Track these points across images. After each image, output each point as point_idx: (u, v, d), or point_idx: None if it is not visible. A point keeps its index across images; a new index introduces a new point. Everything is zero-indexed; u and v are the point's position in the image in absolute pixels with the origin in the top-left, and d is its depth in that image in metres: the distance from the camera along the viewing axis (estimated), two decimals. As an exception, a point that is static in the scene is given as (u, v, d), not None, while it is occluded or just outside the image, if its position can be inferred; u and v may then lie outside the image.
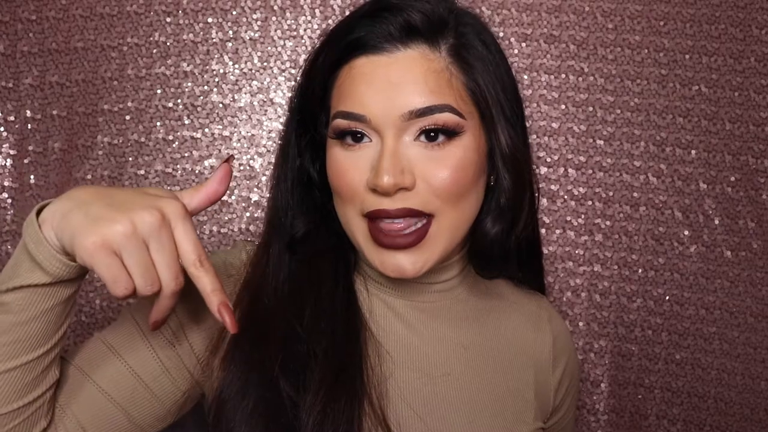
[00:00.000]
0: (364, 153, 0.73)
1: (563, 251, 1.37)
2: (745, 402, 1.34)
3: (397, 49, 0.73)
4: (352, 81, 0.73)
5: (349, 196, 0.75)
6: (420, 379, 0.79)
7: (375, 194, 0.72)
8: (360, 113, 0.72)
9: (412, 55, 0.72)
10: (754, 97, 1.33)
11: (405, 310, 0.82)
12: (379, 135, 0.72)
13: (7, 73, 1.29)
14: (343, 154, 0.75)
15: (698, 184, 1.35)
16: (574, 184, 1.37)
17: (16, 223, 1.30)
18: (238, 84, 1.35)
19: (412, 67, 0.72)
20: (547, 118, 1.36)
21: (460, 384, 0.80)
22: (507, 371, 0.84)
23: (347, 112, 0.73)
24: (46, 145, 1.30)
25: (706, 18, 1.34)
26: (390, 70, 0.72)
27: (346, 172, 0.74)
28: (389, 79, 0.72)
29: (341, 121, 0.74)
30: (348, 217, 0.76)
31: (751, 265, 1.34)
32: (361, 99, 0.72)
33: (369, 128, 0.73)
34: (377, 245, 0.74)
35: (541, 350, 0.88)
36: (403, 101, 0.71)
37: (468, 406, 0.79)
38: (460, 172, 0.73)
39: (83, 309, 1.32)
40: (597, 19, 1.35)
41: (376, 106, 0.71)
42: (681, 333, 1.36)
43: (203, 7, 1.33)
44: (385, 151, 0.71)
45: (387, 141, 0.72)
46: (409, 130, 0.72)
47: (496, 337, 0.85)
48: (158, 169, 1.34)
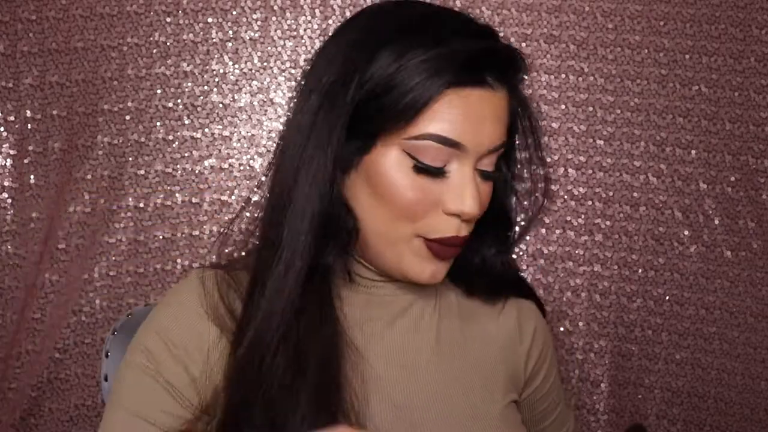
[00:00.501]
0: (441, 180, 0.75)
1: (563, 251, 1.37)
2: (745, 402, 1.34)
3: (498, 86, 0.75)
4: (459, 110, 0.73)
5: (411, 216, 0.74)
6: (392, 367, 0.80)
7: (449, 219, 0.75)
8: (458, 141, 0.73)
9: (503, 95, 0.76)
10: (754, 97, 1.33)
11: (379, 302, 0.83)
12: (462, 163, 0.74)
13: (7, 73, 1.29)
14: (417, 176, 0.74)
15: (698, 184, 1.35)
16: (574, 184, 1.37)
17: (16, 223, 1.30)
18: (238, 84, 1.35)
19: (502, 106, 0.76)
20: (547, 118, 1.36)
21: (430, 366, 0.82)
22: (471, 348, 0.85)
23: (446, 138, 0.73)
24: (46, 145, 1.30)
25: (706, 18, 1.34)
26: (490, 105, 0.74)
27: (417, 193, 0.74)
28: (489, 114, 0.74)
29: (433, 144, 0.72)
30: (399, 235, 0.75)
31: (751, 265, 1.34)
32: (464, 128, 0.73)
33: (459, 157, 0.74)
34: (432, 257, 0.77)
35: (506, 323, 0.89)
36: (493, 136, 0.74)
37: (437, 386, 0.81)
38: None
39: (83, 309, 1.33)
40: (597, 19, 1.35)
41: (474, 137, 0.73)
42: (681, 333, 1.36)
43: (203, 7, 1.33)
44: (471, 180, 0.74)
45: (470, 171, 0.74)
46: (480, 163, 0.76)
47: (461, 313, 0.87)
48: (158, 169, 1.34)
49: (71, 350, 1.32)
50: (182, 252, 1.35)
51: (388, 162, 0.74)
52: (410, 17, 0.76)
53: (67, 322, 1.32)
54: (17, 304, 1.30)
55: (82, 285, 1.32)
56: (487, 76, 0.73)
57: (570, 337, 1.38)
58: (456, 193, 0.73)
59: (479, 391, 0.83)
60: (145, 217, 1.34)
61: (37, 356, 1.31)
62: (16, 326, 1.30)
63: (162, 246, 1.35)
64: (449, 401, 0.81)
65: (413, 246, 0.75)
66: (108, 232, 1.33)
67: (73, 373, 1.33)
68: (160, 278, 1.35)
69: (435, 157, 0.73)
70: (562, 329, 1.38)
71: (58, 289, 1.31)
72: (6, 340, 1.29)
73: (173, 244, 1.34)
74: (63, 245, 1.31)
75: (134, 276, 1.34)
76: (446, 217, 0.74)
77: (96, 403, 1.33)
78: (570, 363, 1.39)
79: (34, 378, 1.30)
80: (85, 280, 1.32)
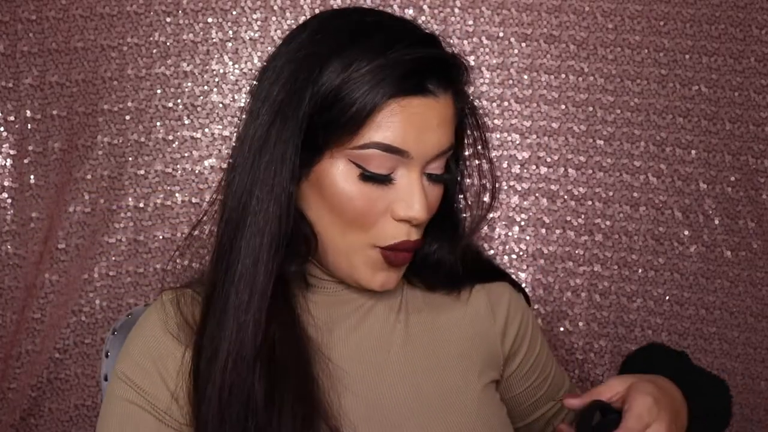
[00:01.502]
0: (389, 187, 0.77)
1: (563, 251, 1.37)
2: (745, 402, 1.34)
3: (442, 93, 0.77)
4: (401, 118, 0.74)
5: (362, 225, 0.76)
6: (362, 365, 0.82)
7: (399, 225, 0.77)
8: (403, 149, 0.75)
9: (447, 102, 0.77)
10: (754, 97, 1.33)
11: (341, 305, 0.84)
12: (409, 170, 0.76)
13: (7, 73, 1.29)
14: (365, 185, 0.76)
15: (698, 184, 1.35)
16: (574, 184, 1.37)
17: (16, 223, 1.30)
18: (238, 84, 1.35)
19: (446, 112, 0.77)
20: (547, 118, 1.36)
21: (399, 357, 0.83)
22: (443, 334, 0.87)
23: (390, 146, 0.74)
24: (46, 145, 1.30)
25: (706, 18, 1.34)
26: (434, 112, 0.76)
27: (366, 202, 0.75)
28: (433, 121, 0.76)
29: (377, 152, 0.74)
30: (351, 244, 0.77)
31: (751, 265, 1.34)
32: (406, 136, 0.74)
33: (404, 164, 0.76)
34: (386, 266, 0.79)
35: (476, 308, 0.91)
36: (439, 142, 0.77)
37: (409, 376, 0.82)
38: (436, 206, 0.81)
39: (83, 309, 1.32)
40: (597, 19, 1.35)
41: (417, 144, 0.75)
42: (681, 333, 1.36)
43: (203, 7, 1.33)
44: (417, 184, 0.76)
45: (417, 175, 0.76)
46: (427, 167, 0.78)
47: (427, 306, 0.89)
48: (158, 169, 1.34)
49: (71, 350, 1.32)
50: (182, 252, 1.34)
51: (335, 172, 0.75)
52: (356, 27, 0.77)
53: (67, 322, 1.32)
54: (17, 304, 1.30)
55: (82, 285, 1.32)
56: (428, 84, 0.75)
57: (570, 337, 1.38)
58: (404, 200, 0.76)
59: (453, 380, 0.84)
60: (145, 217, 1.34)
61: (37, 356, 1.31)
62: (16, 326, 1.30)
63: (162, 246, 1.35)
64: (423, 394, 0.82)
65: (367, 255, 0.78)
66: (108, 232, 1.33)
67: (73, 373, 1.33)
68: (160, 278, 1.35)
69: (380, 164, 0.75)
70: (562, 329, 1.38)
71: (58, 289, 1.31)
72: (6, 340, 1.29)
73: (173, 244, 1.34)
74: (63, 245, 1.31)
75: (134, 276, 1.34)
76: (396, 224, 0.77)
77: (96, 403, 1.33)
78: (570, 363, 1.39)
79: (34, 378, 1.30)
80: (85, 280, 1.32)
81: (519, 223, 1.38)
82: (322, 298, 0.84)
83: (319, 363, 0.78)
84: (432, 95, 0.75)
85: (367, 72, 0.73)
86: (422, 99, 0.75)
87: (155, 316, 0.81)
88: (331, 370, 0.78)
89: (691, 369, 0.90)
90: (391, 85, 0.73)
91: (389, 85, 0.73)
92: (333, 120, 0.74)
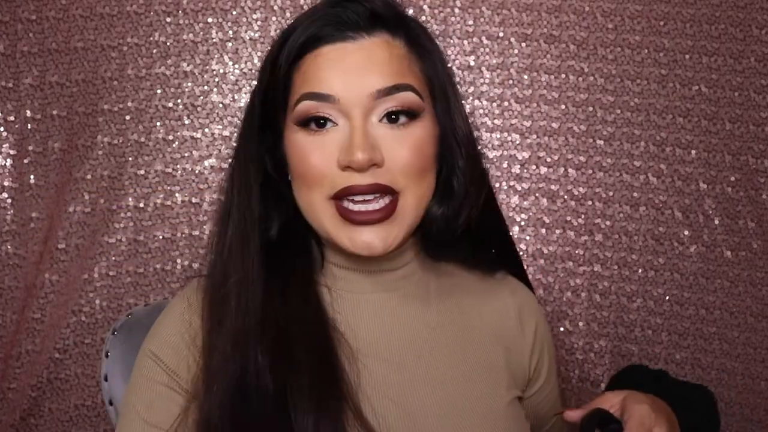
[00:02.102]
0: (331, 136, 0.77)
1: (563, 251, 1.37)
2: (745, 402, 1.34)
3: (362, 36, 0.78)
4: (318, 66, 0.77)
5: (316, 179, 0.77)
6: (391, 367, 0.81)
7: (346, 172, 0.75)
8: (328, 93, 0.76)
9: (376, 42, 0.78)
10: (754, 97, 1.33)
11: (371, 303, 0.83)
12: (346, 116, 0.76)
13: (7, 73, 1.29)
14: (308, 138, 0.77)
15: (698, 184, 1.35)
16: (574, 184, 1.37)
17: (16, 223, 1.30)
18: (238, 84, 1.35)
19: (377, 52, 0.77)
20: (547, 118, 1.36)
21: (430, 364, 0.82)
22: (475, 345, 0.86)
23: (315, 93, 0.76)
24: (46, 145, 1.30)
25: (706, 18, 1.34)
26: (356, 55, 0.77)
27: (311, 155, 0.77)
28: (356, 62, 0.76)
29: (308, 102, 0.76)
30: (313, 202, 0.78)
31: (751, 265, 1.34)
32: (329, 80, 0.76)
33: (336, 110, 0.76)
34: (347, 223, 0.77)
35: (507, 320, 0.90)
36: (370, 81, 0.76)
37: (441, 384, 0.81)
38: (422, 150, 0.78)
39: (83, 309, 1.32)
40: (597, 19, 1.35)
41: (344, 86, 0.76)
42: (681, 333, 1.36)
43: (203, 7, 1.33)
44: (356, 129, 0.75)
45: (355, 120, 0.76)
46: (375, 111, 0.76)
47: (460, 315, 0.87)
48: (158, 169, 1.34)
49: (71, 350, 1.32)
50: (182, 252, 1.35)
51: (287, 137, 0.79)
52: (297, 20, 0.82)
53: (67, 322, 1.32)
54: (17, 304, 1.30)
55: (82, 285, 1.32)
56: (338, 31, 0.77)
57: (570, 337, 1.38)
58: (344, 145, 0.76)
59: (481, 391, 0.83)
60: (145, 217, 1.34)
61: (37, 356, 1.31)
62: (16, 326, 1.30)
63: (162, 246, 1.35)
64: (452, 403, 0.81)
65: (329, 211, 0.77)
66: (108, 232, 1.33)
67: (73, 373, 1.33)
68: (160, 278, 1.35)
69: (316, 113, 0.76)
70: (562, 329, 1.38)
71: (58, 289, 1.31)
72: (6, 340, 1.29)
73: (173, 244, 1.34)
74: (63, 245, 1.31)
75: (134, 276, 1.34)
76: (342, 172, 0.76)
77: (96, 403, 1.33)
78: (570, 363, 1.39)
79: (34, 378, 1.30)
80: (85, 280, 1.32)
81: (519, 223, 1.38)
82: (348, 293, 0.83)
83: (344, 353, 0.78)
84: (350, 39, 0.77)
85: (282, 47, 0.79)
86: (335, 45, 0.77)
87: (182, 299, 0.84)
88: (359, 368, 0.78)
89: (674, 383, 0.91)
90: (299, 43, 0.78)
91: (297, 44, 0.78)
92: (273, 96, 0.80)
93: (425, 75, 0.80)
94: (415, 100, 0.77)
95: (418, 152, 0.77)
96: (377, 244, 0.76)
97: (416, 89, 0.78)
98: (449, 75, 0.84)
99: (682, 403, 0.81)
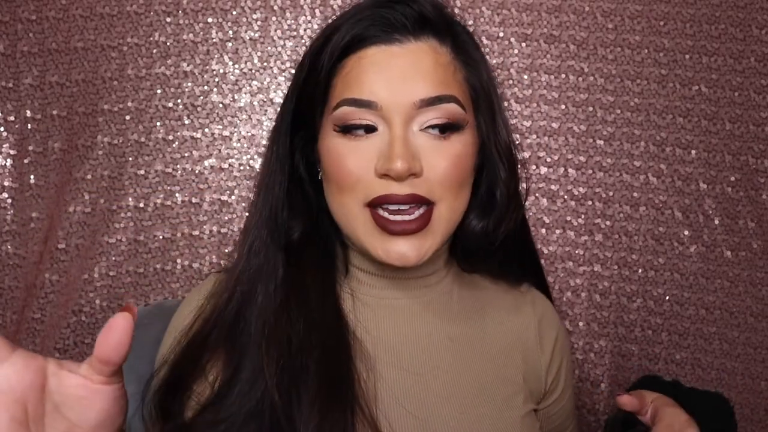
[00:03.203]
0: (370, 142, 0.75)
1: (563, 251, 1.37)
2: (745, 402, 1.34)
3: (408, 40, 0.75)
4: (362, 69, 0.75)
5: (351, 184, 0.75)
6: (409, 376, 0.80)
7: (384, 180, 0.74)
8: (370, 99, 0.74)
9: (423, 48, 0.76)
10: (754, 97, 1.33)
11: (394, 309, 0.83)
12: (387, 123, 0.74)
13: (7, 73, 1.29)
14: (347, 143, 0.75)
15: (698, 184, 1.35)
16: (574, 184, 1.37)
17: (16, 223, 1.30)
18: (238, 84, 1.35)
19: (423, 59, 0.75)
20: (547, 118, 1.36)
21: (448, 376, 0.81)
22: (493, 358, 0.85)
23: (356, 99, 0.74)
24: (46, 145, 1.30)
25: (706, 18, 1.34)
26: (402, 60, 0.74)
27: (348, 160, 0.75)
28: (401, 68, 0.74)
29: (349, 108, 0.74)
30: (348, 207, 0.76)
31: (751, 265, 1.34)
32: (372, 86, 0.74)
33: (377, 116, 0.74)
34: (383, 232, 0.75)
35: (526, 333, 0.89)
36: (414, 90, 0.74)
37: (457, 397, 0.80)
38: (461, 162, 0.76)
39: (83, 309, 1.32)
40: (597, 19, 1.35)
41: (387, 93, 0.73)
42: (681, 333, 1.36)
43: (203, 7, 1.33)
44: (396, 137, 0.73)
45: (396, 129, 0.73)
46: (417, 120, 0.74)
47: (481, 327, 0.86)
48: (158, 169, 1.34)
49: (71, 350, 1.32)
50: (182, 252, 1.35)
51: (323, 140, 0.78)
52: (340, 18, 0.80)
53: (67, 322, 1.32)
54: (17, 304, 1.30)
55: (82, 285, 1.32)
56: (384, 32, 0.75)
57: (570, 337, 1.38)
58: (383, 152, 0.74)
59: (498, 404, 0.82)
60: (145, 217, 1.34)
61: (37, 356, 1.31)
62: (16, 326, 1.30)
63: (162, 246, 1.35)
64: (470, 418, 0.80)
65: (363, 218, 0.76)
66: (108, 232, 1.33)
67: (73, 373, 1.33)
68: (160, 278, 1.35)
69: (356, 121, 0.75)
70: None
71: (58, 289, 1.31)
72: (6, 340, 1.29)
73: (173, 244, 1.34)
74: (63, 245, 1.31)
75: (134, 276, 1.34)
76: (380, 180, 0.74)
77: (96, 403, 1.33)
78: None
79: (34, 378, 1.30)
80: (85, 280, 1.32)
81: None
82: (371, 298, 0.83)
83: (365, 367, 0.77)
84: (396, 42, 0.75)
85: (326, 43, 0.77)
86: (381, 47, 0.75)
87: (205, 286, 0.84)
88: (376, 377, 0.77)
89: (692, 391, 0.91)
90: (343, 42, 0.76)
91: (342, 42, 0.76)
92: (312, 95, 0.78)
93: (469, 84, 0.79)
94: (459, 112, 0.75)
95: (457, 164, 0.75)
96: (411, 255, 0.75)
97: (460, 101, 0.76)
98: (493, 85, 0.82)
99: (701, 410, 0.81)
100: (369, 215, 0.75)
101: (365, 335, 0.79)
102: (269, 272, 0.78)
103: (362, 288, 0.83)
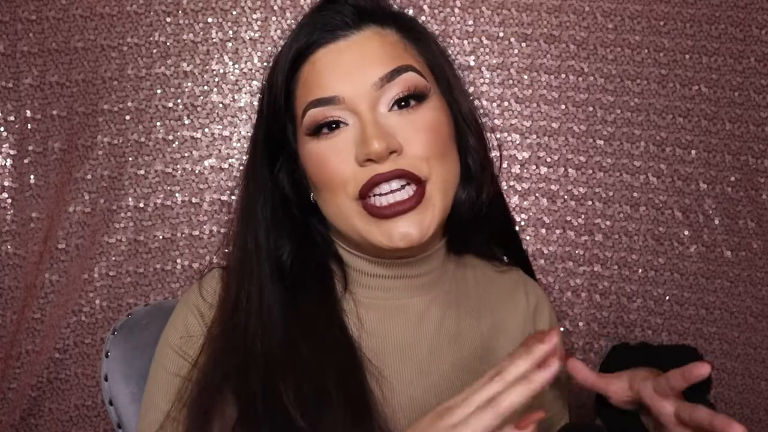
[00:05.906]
0: (343, 137, 0.76)
1: (563, 251, 1.37)
2: (745, 402, 1.34)
3: (352, 33, 0.78)
4: (317, 71, 0.77)
5: (338, 182, 0.76)
6: (418, 377, 0.81)
7: (367, 166, 0.75)
8: (332, 95, 0.76)
9: (367, 35, 0.78)
10: (754, 97, 1.33)
11: (400, 309, 0.83)
12: (355, 113, 0.76)
13: (7, 73, 1.29)
14: (322, 144, 0.77)
15: (698, 184, 1.35)
16: (574, 184, 1.37)
17: (16, 223, 1.30)
18: (238, 84, 1.35)
19: (370, 44, 0.78)
20: (547, 118, 1.36)
21: (452, 371, 0.83)
22: (493, 352, 0.87)
23: (319, 99, 0.76)
24: (46, 145, 1.30)
25: (706, 18, 1.34)
26: (351, 51, 0.77)
27: (329, 159, 0.76)
28: (352, 58, 0.77)
29: (315, 110, 0.76)
30: (342, 207, 0.77)
31: (751, 265, 1.34)
32: (330, 83, 0.76)
33: (344, 109, 0.76)
34: (378, 219, 0.75)
35: (524, 327, 0.92)
36: (369, 73, 0.76)
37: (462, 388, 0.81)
38: (437, 130, 0.77)
39: (83, 309, 1.32)
40: (597, 19, 1.35)
41: (345, 85, 0.76)
42: (681, 333, 1.36)
43: (203, 7, 1.33)
44: (367, 122, 0.75)
45: (365, 115, 0.75)
46: (382, 101, 0.76)
47: (481, 323, 0.88)
48: (158, 169, 1.34)
49: (71, 350, 1.32)
50: (182, 252, 1.35)
51: (304, 152, 0.79)
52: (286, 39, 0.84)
53: (67, 322, 1.32)
54: (17, 304, 1.30)
55: (82, 285, 1.32)
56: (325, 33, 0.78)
57: (570, 337, 1.38)
58: (358, 140, 0.75)
59: None
60: (145, 217, 1.34)
61: (37, 356, 1.31)
62: (16, 326, 1.30)
63: (162, 246, 1.35)
64: None
65: (357, 211, 0.77)
66: (108, 232, 1.33)
67: (73, 373, 1.33)
68: (160, 278, 1.35)
69: (325, 119, 0.76)
70: (562, 329, 1.38)
71: (58, 289, 1.31)
72: (6, 340, 1.29)
73: (173, 244, 1.34)
74: (63, 245, 1.31)
75: (134, 276, 1.34)
76: (363, 168, 0.75)
77: (96, 403, 1.33)
78: (570, 363, 1.39)
79: (34, 378, 1.30)
80: (85, 280, 1.32)
81: (519, 223, 1.38)
82: (376, 301, 0.83)
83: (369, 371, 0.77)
84: (340, 38, 0.78)
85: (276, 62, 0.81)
86: (327, 47, 0.78)
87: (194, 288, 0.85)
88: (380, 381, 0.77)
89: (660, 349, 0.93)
90: (292, 55, 0.79)
91: (291, 56, 0.79)
92: (278, 116, 0.80)
93: (423, 57, 0.81)
94: (419, 80, 0.77)
95: (434, 133, 0.77)
96: (413, 231, 0.75)
97: (417, 69, 0.78)
98: (445, 56, 0.84)
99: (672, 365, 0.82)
100: (361, 207, 0.76)
101: (373, 338, 0.80)
102: (268, 305, 0.78)
103: (368, 292, 0.83)
